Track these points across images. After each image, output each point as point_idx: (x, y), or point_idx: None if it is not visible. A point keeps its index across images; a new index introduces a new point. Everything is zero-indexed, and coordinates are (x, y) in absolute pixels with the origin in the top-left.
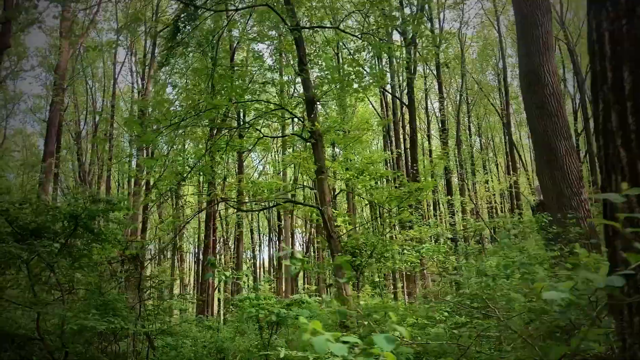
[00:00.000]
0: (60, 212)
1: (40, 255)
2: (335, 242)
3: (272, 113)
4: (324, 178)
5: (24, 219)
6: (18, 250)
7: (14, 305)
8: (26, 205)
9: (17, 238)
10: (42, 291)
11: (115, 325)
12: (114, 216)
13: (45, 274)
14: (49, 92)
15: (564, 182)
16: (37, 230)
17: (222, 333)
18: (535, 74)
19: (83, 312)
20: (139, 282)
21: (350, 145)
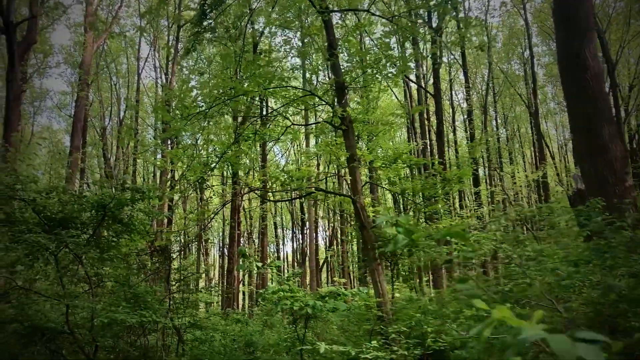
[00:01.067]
0: (87, 202)
1: (68, 247)
2: (368, 232)
3: (300, 100)
4: (355, 166)
5: (51, 209)
6: (46, 240)
7: (43, 298)
8: (53, 195)
9: (44, 229)
10: (71, 284)
11: (147, 319)
12: (142, 205)
13: (74, 267)
14: (74, 88)
15: (608, 169)
16: (64, 221)
17: (250, 326)
18: (576, 56)
19: (113, 305)
20: (168, 275)
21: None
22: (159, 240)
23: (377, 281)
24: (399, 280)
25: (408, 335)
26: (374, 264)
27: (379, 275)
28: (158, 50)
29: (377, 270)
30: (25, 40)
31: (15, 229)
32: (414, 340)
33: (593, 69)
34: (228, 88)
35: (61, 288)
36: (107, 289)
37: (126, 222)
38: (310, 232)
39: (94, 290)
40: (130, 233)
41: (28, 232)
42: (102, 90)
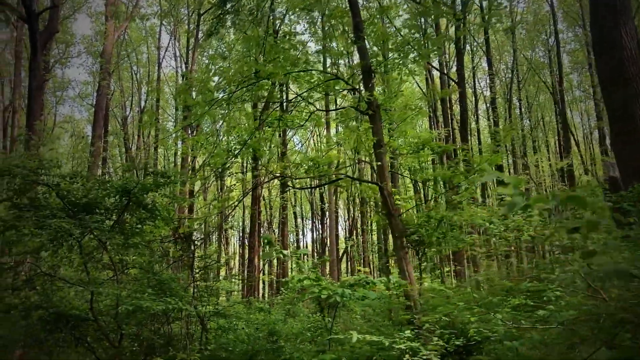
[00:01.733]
0: (112, 187)
1: (93, 232)
2: (396, 220)
3: (325, 84)
4: (382, 152)
5: (75, 194)
6: (70, 226)
7: (67, 285)
8: (77, 180)
9: (68, 214)
10: (95, 270)
11: (172, 306)
12: (166, 191)
13: (98, 253)
14: (95, 78)
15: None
16: (88, 206)
17: (273, 315)
18: (611, 37)
19: (138, 292)
20: (192, 262)
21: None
22: (182, 227)
23: (405, 270)
24: (427, 269)
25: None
26: (402, 252)
27: (407, 264)
28: (178, 39)
29: (404, 259)
30: (47, 30)
31: (40, 214)
32: (450, 330)
33: (629, 50)
34: (252, 72)
35: (85, 275)
36: (131, 276)
37: (150, 208)
38: (330, 222)
39: (118, 277)
40: (155, 219)
41: (52, 217)
42: (123, 79)
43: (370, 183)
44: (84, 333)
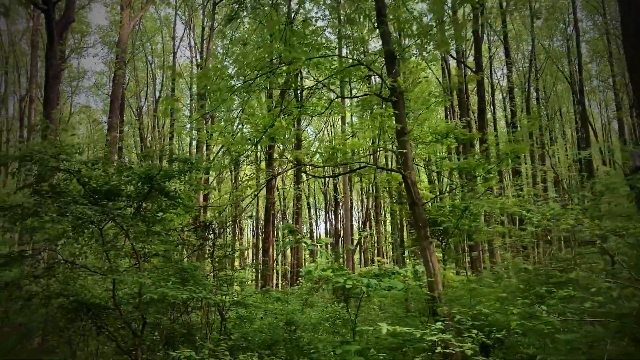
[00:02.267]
0: (134, 173)
1: (114, 220)
2: (420, 210)
3: (346, 71)
4: (406, 140)
5: (96, 180)
6: (92, 212)
7: (88, 273)
8: (98, 166)
9: (89, 201)
10: (117, 257)
11: (197, 295)
12: (188, 178)
13: (119, 241)
14: (110, 68)
15: None
16: (109, 193)
17: (291, 305)
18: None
19: (162, 280)
20: (212, 251)
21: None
22: (202, 215)
23: (429, 260)
24: (450, 260)
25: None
26: (426, 242)
27: (430, 255)
28: (193, 29)
29: (428, 249)
30: (63, 18)
31: (61, 200)
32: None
33: None
34: (274, 57)
35: (107, 262)
36: (153, 264)
37: (172, 195)
38: (345, 213)
39: (140, 265)
40: (176, 207)
41: (74, 204)
42: (138, 70)
43: (393, 171)
44: (105, 322)
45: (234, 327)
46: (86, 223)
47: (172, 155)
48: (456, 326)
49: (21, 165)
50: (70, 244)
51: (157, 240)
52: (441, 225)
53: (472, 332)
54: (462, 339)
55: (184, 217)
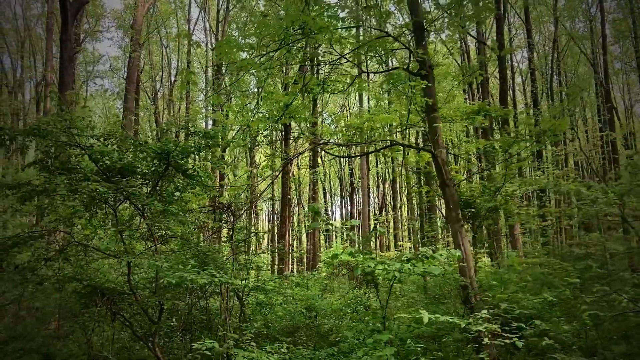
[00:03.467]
0: (150, 149)
1: (129, 199)
2: (451, 191)
3: (370, 45)
4: (436, 116)
5: (109, 156)
6: (105, 188)
7: (102, 256)
8: (111, 140)
9: (102, 178)
10: (132, 239)
11: (218, 280)
12: (207, 154)
13: (134, 223)
14: (125, 53)
15: None
16: (123, 171)
17: (311, 290)
18: None
19: (181, 264)
20: (232, 234)
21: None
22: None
23: (461, 244)
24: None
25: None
26: (457, 225)
27: (462, 238)
28: (208, 12)
29: (460, 233)
30: (77, 0)
31: (72, 177)
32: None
33: None
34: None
35: (121, 245)
36: (169, 247)
37: (190, 173)
38: (363, 197)
39: (157, 247)
40: (195, 186)
41: (86, 181)
42: (153, 54)
43: (423, 150)
44: (120, 307)
45: (253, 313)
46: (99, 203)
47: (190, 129)
48: (500, 315)
49: (28, 140)
50: (83, 225)
51: (174, 222)
52: (472, 207)
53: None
54: (508, 330)
55: (202, 197)
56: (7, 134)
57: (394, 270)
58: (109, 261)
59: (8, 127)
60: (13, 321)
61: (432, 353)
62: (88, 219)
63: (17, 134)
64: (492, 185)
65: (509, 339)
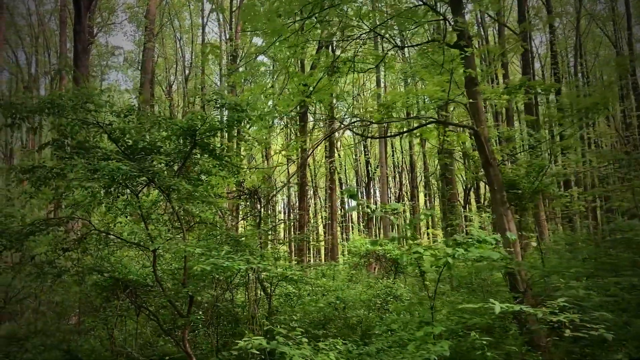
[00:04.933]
0: (175, 125)
1: (153, 181)
2: (495, 170)
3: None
4: (477, 91)
5: (131, 134)
6: (128, 167)
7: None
8: (132, 117)
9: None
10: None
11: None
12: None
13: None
14: (139, 47)
15: None
16: (145, 151)
17: (338, 282)
18: None
19: (214, 250)
20: (259, 221)
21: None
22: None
23: (507, 228)
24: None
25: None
26: (503, 208)
27: (508, 222)
28: (221, 3)
29: (506, 216)
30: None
31: (90, 156)
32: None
33: None
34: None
35: (145, 232)
36: (196, 233)
37: (219, 154)
38: (382, 186)
39: (185, 234)
40: (223, 168)
41: (106, 160)
42: (166, 47)
43: (464, 127)
44: (145, 300)
45: (280, 305)
46: (120, 187)
47: (218, 103)
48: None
49: (42, 117)
50: (102, 213)
51: (202, 206)
52: (517, 188)
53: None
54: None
55: (228, 181)
56: (18, 111)
57: (446, 256)
58: (129, 252)
59: (19, 102)
60: (32, 316)
61: (496, 346)
62: (108, 206)
63: (30, 111)
64: (540, 162)
65: (593, 330)
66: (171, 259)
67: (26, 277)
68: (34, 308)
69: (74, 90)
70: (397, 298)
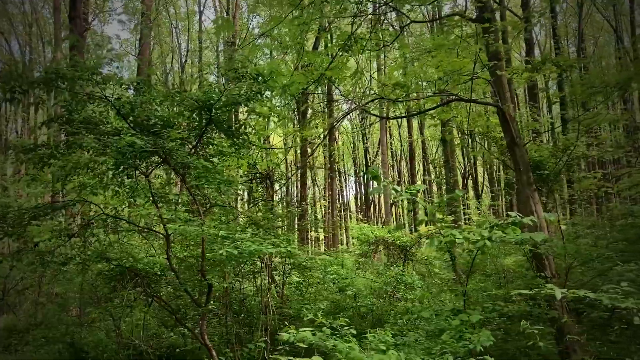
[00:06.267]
0: (189, 98)
1: (167, 160)
2: (521, 150)
3: None
4: (501, 66)
5: (141, 108)
6: (142, 142)
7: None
8: (143, 89)
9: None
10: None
11: (283, 249)
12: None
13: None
14: (134, 35)
15: None
16: (156, 128)
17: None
18: None
19: (237, 233)
20: (272, 206)
21: None
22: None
23: (534, 211)
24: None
25: None
26: (530, 190)
27: (535, 204)
28: None
29: (532, 198)
30: None
31: (98, 130)
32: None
33: None
34: None
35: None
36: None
37: (235, 131)
38: (384, 172)
39: (203, 216)
40: (240, 148)
41: (117, 135)
42: (162, 35)
43: (488, 104)
44: (155, 289)
45: (291, 294)
46: (129, 168)
47: (241, 69)
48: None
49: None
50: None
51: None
52: (543, 169)
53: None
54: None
55: (242, 162)
56: (18, 83)
57: (483, 239)
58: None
59: (19, 74)
60: (32, 308)
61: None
62: (115, 190)
63: (33, 83)
64: (568, 140)
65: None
66: (181, 246)
67: (27, 266)
68: (34, 300)
69: (79, 60)
70: (407, 286)
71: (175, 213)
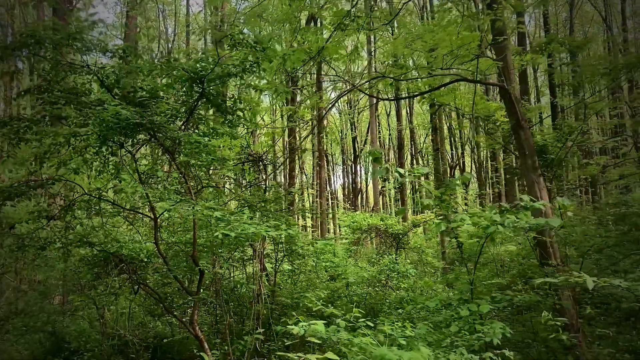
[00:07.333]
0: (180, 69)
1: (155, 136)
2: (526, 133)
3: None
4: (506, 45)
5: (125, 83)
6: (129, 112)
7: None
8: (130, 59)
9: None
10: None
11: (283, 232)
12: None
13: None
14: (120, 19)
15: None
16: (145, 101)
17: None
18: None
19: (233, 214)
20: (265, 190)
21: None
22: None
23: (540, 197)
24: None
25: None
26: (535, 174)
27: (540, 190)
28: None
29: (537, 183)
30: None
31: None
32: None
33: None
34: None
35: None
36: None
37: (229, 106)
38: (373, 163)
39: (195, 196)
40: (235, 126)
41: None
42: (149, 20)
43: (493, 85)
44: (142, 276)
45: (283, 282)
46: (113, 145)
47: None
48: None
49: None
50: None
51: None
52: (548, 154)
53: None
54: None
55: (235, 143)
56: None
57: (495, 224)
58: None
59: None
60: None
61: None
62: (99, 169)
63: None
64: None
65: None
66: (169, 232)
67: (5, 250)
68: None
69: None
70: (400, 274)
71: (164, 192)
